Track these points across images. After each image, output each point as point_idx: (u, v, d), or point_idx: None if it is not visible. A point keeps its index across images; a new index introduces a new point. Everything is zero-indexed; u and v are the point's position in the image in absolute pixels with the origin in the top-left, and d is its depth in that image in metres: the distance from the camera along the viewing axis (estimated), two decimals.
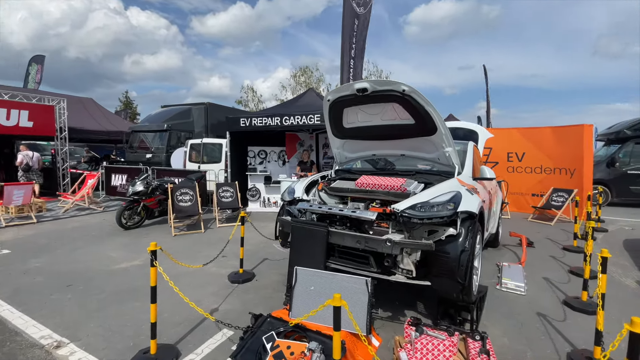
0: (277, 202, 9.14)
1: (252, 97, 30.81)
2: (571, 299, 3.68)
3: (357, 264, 2.92)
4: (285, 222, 3.36)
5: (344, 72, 6.85)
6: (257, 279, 4.29)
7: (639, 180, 10.00)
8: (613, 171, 10.29)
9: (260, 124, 7.72)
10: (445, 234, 2.75)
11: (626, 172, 10.16)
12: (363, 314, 2.60)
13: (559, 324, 3.23)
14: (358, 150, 4.13)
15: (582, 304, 3.56)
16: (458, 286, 2.70)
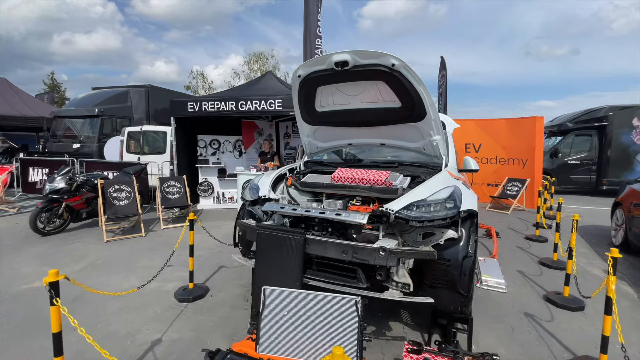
0: (234, 198, 8.28)
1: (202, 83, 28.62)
2: (553, 295, 3.54)
3: (341, 279, 2.36)
4: (248, 228, 2.68)
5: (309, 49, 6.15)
6: (212, 294, 3.56)
7: (578, 169, 10.83)
8: (556, 161, 11.02)
9: (212, 109, 6.77)
10: (444, 237, 2.31)
11: (567, 162, 10.94)
12: (352, 343, 2.06)
13: (548, 325, 3.02)
14: (332, 139, 3.55)
15: (564, 300, 3.42)
16: (460, 298, 2.29)
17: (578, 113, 11.54)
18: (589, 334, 2.88)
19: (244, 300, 3.40)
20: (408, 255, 2.11)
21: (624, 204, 5.16)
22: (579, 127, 11.00)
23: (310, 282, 2.30)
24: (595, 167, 10.76)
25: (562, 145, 11.08)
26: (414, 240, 2.46)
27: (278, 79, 8.04)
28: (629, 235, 4.82)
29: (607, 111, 10.51)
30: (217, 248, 4.99)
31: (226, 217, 7.19)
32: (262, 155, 7.48)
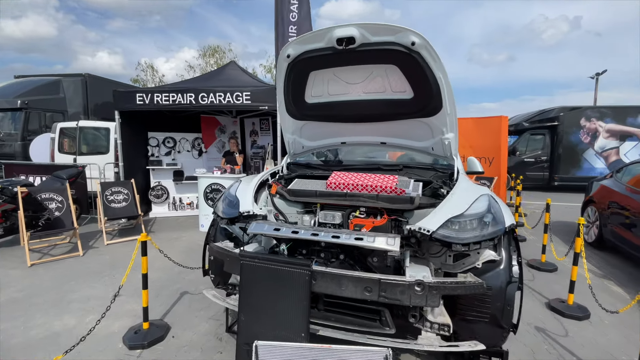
0: (193, 204, 7.34)
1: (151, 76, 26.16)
2: (557, 303, 3.32)
3: (359, 323, 1.80)
4: (227, 256, 2.01)
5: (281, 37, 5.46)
6: (174, 334, 2.80)
7: (533, 167, 11.40)
8: (513, 159, 11.49)
9: (166, 102, 5.81)
10: (481, 259, 1.86)
11: (523, 159, 11.47)
12: None
13: (565, 342, 2.75)
14: (322, 137, 2.98)
15: (569, 309, 3.22)
16: (502, 334, 1.86)
17: (533, 113, 12.19)
18: (605, 347, 2.67)
19: (217, 339, 2.71)
20: (452, 290, 1.63)
21: (597, 201, 5.25)
22: (533, 127, 11.59)
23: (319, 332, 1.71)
24: (548, 165, 11.42)
25: (519, 144, 11.61)
26: (442, 263, 1.99)
27: (243, 69, 7.22)
28: (604, 232, 4.88)
29: (558, 112, 11.17)
30: (176, 267, 4.16)
31: (185, 227, 6.28)
32: (227, 155, 6.65)
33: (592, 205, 5.42)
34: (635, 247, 4.11)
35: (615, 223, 4.60)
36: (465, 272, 1.89)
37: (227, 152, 6.69)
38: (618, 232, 4.51)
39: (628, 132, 10.58)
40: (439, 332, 1.70)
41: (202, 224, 6.01)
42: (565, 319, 3.12)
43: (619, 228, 4.50)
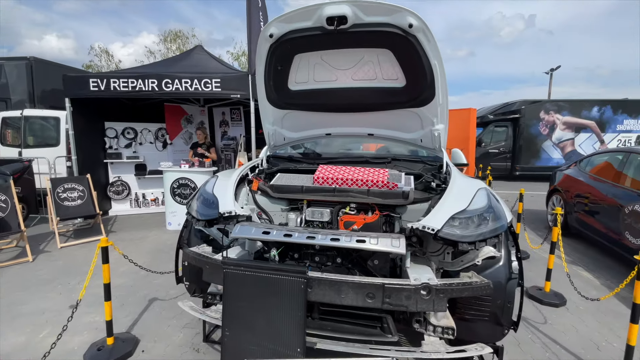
0: (159, 200, 6.83)
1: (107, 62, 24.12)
2: (534, 291, 3.41)
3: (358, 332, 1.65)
4: (206, 264, 1.76)
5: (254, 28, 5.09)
6: (144, 349, 2.51)
7: (497, 157, 11.94)
8: (479, 150, 11.95)
9: (124, 89, 5.25)
10: (481, 256, 1.78)
11: (488, 150, 11.98)
12: None
13: (545, 329, 2.82)
14: (306, 128, 2.77)
15: (546, 296, 3.31)
16: (501, 331, 1.81)
17: (497, 106, 12.71)
18: (583, 333, 2.76)
19: (194, 351, 2.46)
20: (460, 293, 1.52)
21: (561, 190, 5.52)
22: (497, 119, 12.09)
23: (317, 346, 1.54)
24: (510, 155, 12.01)
25: (484, 136, 12.08)
26: (440, 261, 1.89)
27: (211, 55, 6.72)
28: (569, 219, 5.15)
29: (520, 105, 11.72)
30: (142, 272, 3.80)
31: (150, 225, 5.82)
32: (195, 147, 6.21)
33: (557, 194, 5.70)
34: (598, 232, 4.35)
35: (580, 210, 4.85)
36: (465, 269, 1.81)
37: (195, 144, 6.24)
38: (582, 219, 4.76)
39: (582, 125, 11.35)
40: (442, 336, 1.61)
41: (169, 221, 5.60)
42: (543, 306, 3.21)
43: (583, 215, 4.75)
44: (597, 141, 11.35)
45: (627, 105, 11.32)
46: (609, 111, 11.28)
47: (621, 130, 11.30)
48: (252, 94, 5.08)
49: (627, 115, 11.26)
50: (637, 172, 4.13)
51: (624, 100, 11.54)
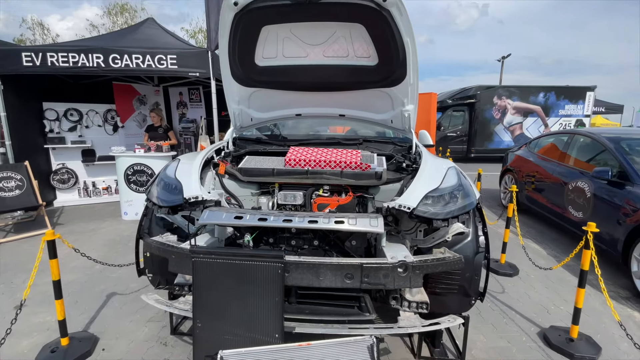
0: (111, 188, 6.31)
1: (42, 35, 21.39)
2: (492, 263, 3.66)
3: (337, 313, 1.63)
4: (172, 253, 1.63)
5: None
6: (105, 347, 2.33)
7: (454, 140, 12.54)
8: (438, 134, 12.47)
9: (64, 64, 4.66)
10: (451, 232, 1.84)
11: (447, 134, 12.53)
12: None
13: (503, 298, 3.04)
14: (274, 108, 2.64)
15: (501, 267, 3.58)
16: (469, 302, 1.91)
17: (455, 91, 13.25)
18: (535, 299, 3.02)
19: (162, 345, 2.33)
20: (435, 269, 1.55)
21: (513, 169, 5.93)
22: (455, 104, 12.64)
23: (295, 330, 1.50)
24: (466, 139, 12.68)
25: (443, 120, 12.60)
26: (413, 239, 1.93)
27: (165, 29, 6.15)
28: (519, 197, 5.56)
29: (476, 90, 12.32)
30: (97, 265, 3.50)
31: (103, 216, 5.37)
32: (150, 130, 5.75)
33: (509, 174, 6.11)
34: (545, 207, 4.76)
35: (529, 188, 5.26)
36: (437, 246, 1.86)
37: (151, 127, 5.78)
38: (531, 196, 5.18)
39: (530, 109, 12.24)
40: (417, 311, 1.65)
41: (124, 211, 5.20)
42: (499, 276, 3.46)
43: (532, 192, 5.15)
44: (542, 125, 12.32)
45: (568, 92, 12.36)
46: (553, 97, 12.25)
47: (563, 114, 12.36)
48: (212, 72, 4.76)
49: (568, 101, 12.32)
50: (579, 152, 4.54)
51: (566, 87, 12.57)
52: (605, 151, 3.96)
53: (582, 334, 2.41)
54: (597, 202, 3.68)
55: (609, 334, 2.53)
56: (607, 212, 3.49)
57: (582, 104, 12.38)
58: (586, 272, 2.27)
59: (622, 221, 3.27)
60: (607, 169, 3.61)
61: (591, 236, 2.21)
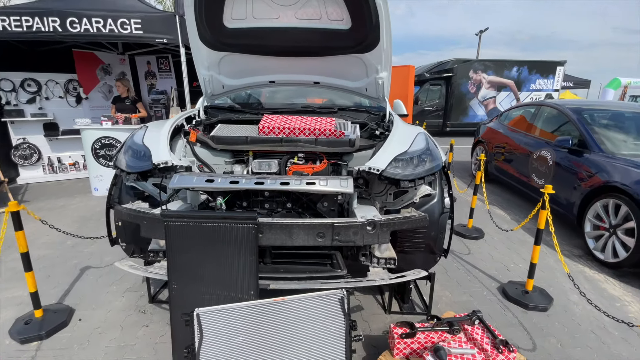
0: (78, 164, 6.03)
1: None
2: (459, 228, 3.88)
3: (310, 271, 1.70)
4: (143, 218, 1.62)
5: None
6: (81, 317, 2.33)
7: (431, 114, 12.72)
8: (415, 108, 12.58)
9: (16, 29, 4.25)
10: (418, 194, 1.93)
11: (424, 108, 12.67)
12: (339, 349, 1.54)
13: (469, 258, 3.26)
14: (246, 74, 2.57)
15: (468, 231, 3.79)
16: (434, 259, 2.04)
17: (433, 64, 13.27)
18: (497, 259, 3.26)
19: (140, 313, 2.36)
20: (401, 226, 1.64)
21: (484, 141, 6.15)
22: (433, 78, 12.70)
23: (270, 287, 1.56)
24: (442, 113, 12.90)
25: (420, 94, 12.68)
26: (384, 202, 2.00)
27: None
28: (489, 167, 5.83)
29: (453, 64, 12.39)
30: (68, 240, 3.43)
31: (71, 192, 5.17)
32: (117, 101, 5.45)
33: (480, 145, 6.34)
34: (512, 177, 5.02)
35: (498, 159, 5.50)
36: (405, 207, 1.95)
37: (117, 98, 5.47)
38: (500, 166, 5.43)
39: (504, 84, 12.52)
40: (385, 266, 1.76)
41: (95, 187, 5.02)
42: (466, 239, 3.68)
43: (500, 163, 5.40)
44: (514, 99, 12.68)
45: (540, 66, 12.68)
46: (525, 71, 12.55)
47: (534, 89, 12.74)
48: (181, 39, 4.51)
49: (540, 75, 12.68)
50: (545, 123, 4.75)
51: (538, 61, 12.87)
52: (569, 122, 4.16)
53: (537, 287, 2.65)
54: (557, 170, 3.92)
55: (560, 287, 2.80)
56: (566, 179, 3.73)
57: (552, 79, 12.79)
58: (542, 230, 2.46)
59: (578, 186, 3.52)
60: (568, 138, 3.83)
61: (547, 197, 2.38)
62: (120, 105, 5.37)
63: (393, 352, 1.70)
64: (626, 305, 2.58)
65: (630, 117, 4.22)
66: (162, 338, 2.12)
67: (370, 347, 2.04)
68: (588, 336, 2.22)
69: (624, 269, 2.99)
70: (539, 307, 2.46)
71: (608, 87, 17.17)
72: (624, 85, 17.04)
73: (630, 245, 2.86)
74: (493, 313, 2.42)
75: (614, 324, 2.33)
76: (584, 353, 2.07)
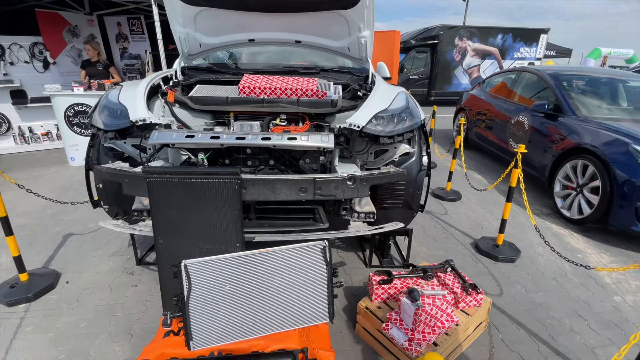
0: (51, 134, 5.77)
1: None
2: (438, 191, 4.03)
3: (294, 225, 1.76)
4: (125, 176, 1.61)
5: None
6: (68, 280, 2.36)
7: (416, 83, 12.63)
8: (401, 76, 12.46)
9: None
10: (398, 152, 1.99)
11: (409, 76, 12.55)
12: (322, 295, 1.64)
13: (445, 218, 3.42)
14: (224, 31, 2.47)
15: (446, 194, 3.95)
16: (412, 214, 2.14)
17: (419, 31, 12.98)
18: (472, 218, 3.44)
19: (128, 274, 2.41)
20: (380, 180, 1.70)
21: (466, 108, 6.23)
22: (419, 45, 12.48)
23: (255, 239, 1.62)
24: (427, 81, 12.83)
25: (406, 62, 12.51)
26: (365, 161, 2.06)
27: None
28: (470, 134, 5.95)
29: (438, 30, 12.16)
30: (49, 209, 3.38)
31: (46, 163, 5.00)
32: (87, 65, 5.13)
33: (462, 113, 6.43)
34: (491, 143, 5.16)
35: (479, 125, 5.61)
36: (386, 165, 2.01)
37: (87, 62, 5.13)
38: (480, 133, 5.55)
39: (488, 51, 12.46)
40: (365, 220, 1.84)
41: (71, 157, 4.86)
42: (444, 201, 3.84)
43: (481, 129, 5.52)
44: (497, 68, 12.70)
45: (524, 34, 12.63)
46: (510, 39, 12.49)
47: (517, 57, 12.76)
48: None
49: (524, 43, 12.66)
50: (524, 89, 4.83)
51: (522, 28, 12.80)
52: (547, 88, 4.25)
53: (507, 241, 2.85)
54: (533, 134, 4.06)
55: (529, 241, 3.00)
56: (541, 142, 3.88)
57: (535, 47, 12.81)
58: (513, 188, 2.60)
59: (550, 149, 3.68)
60: (544, 102, 3.94)
61: (520, 157, 2.49)
62: (91, 70, 5.07)
63: (372, 298, 1.83)
64: (587, 256, 2.81)
65: (606, 82, 4.34)
66: (152, 296, 2.19)
67: (352, 296, 2.18)
68: (550, 283, 2.44)
69: (587, 225, 3.22)
70: (507, 259, 2.65)
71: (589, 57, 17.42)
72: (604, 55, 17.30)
73: (594, 203, 3.07)
74: (465, 265, 2.60)
75: (574, 272, 2.56)
76: (545, 297, 2.28)
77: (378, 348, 1.74)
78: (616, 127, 3.24)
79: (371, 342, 1.78)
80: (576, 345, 1.89)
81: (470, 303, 1.80)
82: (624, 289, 2.40)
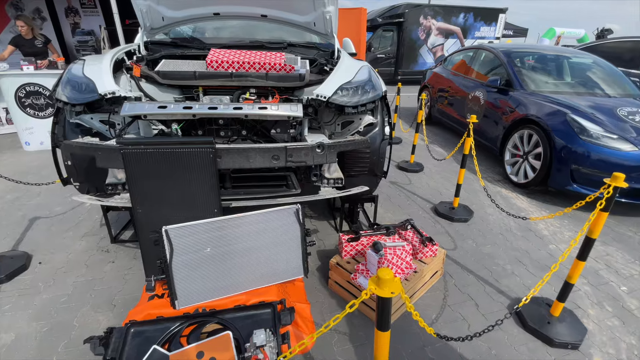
0: (1, 119, 5.34)
1: None
2: (403, 163, 4.30)
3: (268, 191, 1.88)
4: (97, 150, 1.63)
5: None
6: (41, 260, 2.34)
7: (383, 62, 12.81)
8: (368, 55, 12.56)
9: None
10: (363, 123, 2.14)
11: (377, 55, 12.68)
12: (297, 253, 1.81)
13: (409, 187, 3.69)
14: (187, 4, 2.44)
15: (410, 166, 4.22)
16: (376, 181, 2.33)
17: (386, 8, 13.04)
18: (433, 186, 3.73)
19: (104, 252, 2.43)
20: (346, 147, 1.85)
21: (429, 86, 6.51)
22: (385, 23, 12.57)
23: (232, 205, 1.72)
24: (394, 60, 13.04)
25: (373, 40, 12.59)
26: (332, 132, 2.20)
27: None
28: (432, 111, 6.26)
29: (404, 8, 12.28)
30: (8, 194, 3.24)
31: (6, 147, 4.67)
32: (22, 44, 4.66)
33: (426, 90, 6.71)
34: (452, 118, 5.48)
35: (441, 102, 5.91)
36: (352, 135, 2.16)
37: (20, 39, 4.61)
38: (442, 109, 5.86)
39: (451, 30, 12.82)
40: (334, 186, 2.00)
41: (26, 141, 4.56)
42: (408, 173, 4.11)
43: (443, 106, 5.83)
44: (460, 47, 13.15)
45: (485, 13, 13.09)
46: (471, 18, 12.91)
47: (478, 36, 13.26)
48: None
49: (484, 23, 13.15)
50: (481, 66, 5.14)
51: (482, 8, 13.23)
52: (501, 65, 4.56)
53: (462, 204, 3.15)
54: (487, 108, 4.39)
55: (481, 203, 3.34)
56: (494, 115, 4.22)
57: (494, 26, 13.36)
58: (467, 155, 2.87)
59: (501, 120, 4.02)
60: (497, 78, 4.25)
61: (472, 126, 2.75)
62: (29, 48, 4.65)
63: (342, 255, 2.03)
64: (529, 214, 3.19)
65: (552, 59, 4.73)
66: (131, 270, 2.25)
67: (325, 257, 2.37)
68: (497, 237, 2.77)
69: (531, 188, 3.62)
70: (462, 219, 2.96)
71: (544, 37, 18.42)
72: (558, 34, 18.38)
73: (537, 167, 3.45)
74: (425, 225, 2.87)
75: (517, 227, 2.92)
76: (492, 249, 2.61)
77: (347, 297, 1.95)
78: (558, 99, 3.60)
79: (341, 293, 1.99)
80: (516, 285, 2.22)
81: (427, 254, 2.05)
82: (558, 239, 2.78)
